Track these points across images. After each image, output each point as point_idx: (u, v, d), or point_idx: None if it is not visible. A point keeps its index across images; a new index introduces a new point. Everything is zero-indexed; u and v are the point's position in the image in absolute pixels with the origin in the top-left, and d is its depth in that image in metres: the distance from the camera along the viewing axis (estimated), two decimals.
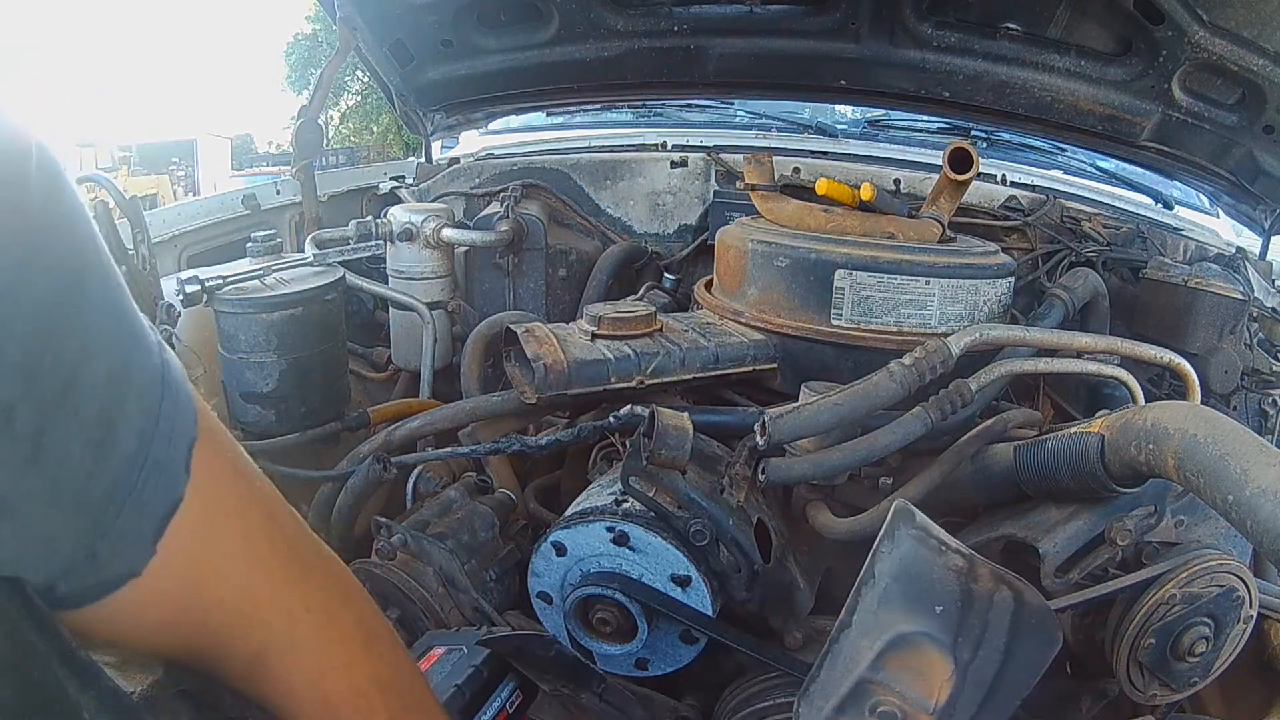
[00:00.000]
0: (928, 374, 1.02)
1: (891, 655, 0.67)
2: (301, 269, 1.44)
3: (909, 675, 0.67)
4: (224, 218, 1.80)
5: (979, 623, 0.68)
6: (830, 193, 1.41)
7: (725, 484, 0.96)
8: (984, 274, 1.25)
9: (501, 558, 1.13)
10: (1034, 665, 0.68)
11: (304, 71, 15.17)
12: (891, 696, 0.67)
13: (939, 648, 0.67)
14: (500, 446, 1.16)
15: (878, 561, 0.69)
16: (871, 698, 0.67)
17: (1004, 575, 0.69)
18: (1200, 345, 1.45)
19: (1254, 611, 0.84)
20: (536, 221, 1.83)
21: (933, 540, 0.69)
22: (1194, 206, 2.18)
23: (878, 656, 0.67)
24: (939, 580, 0.69)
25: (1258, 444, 0.68)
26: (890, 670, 0.67)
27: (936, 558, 0.69)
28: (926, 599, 0.68)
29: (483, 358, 1.51)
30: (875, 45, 1.82)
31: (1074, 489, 0.89)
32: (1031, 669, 0.68)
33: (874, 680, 0.67)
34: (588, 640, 0.97)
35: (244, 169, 13.78)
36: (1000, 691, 0.67)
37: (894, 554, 0.69)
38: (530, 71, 1.99)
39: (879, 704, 0.67)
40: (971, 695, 0.66)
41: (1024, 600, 0.68)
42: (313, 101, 1.89)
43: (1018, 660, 0.67)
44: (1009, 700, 0.67)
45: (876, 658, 0.67)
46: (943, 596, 0.68)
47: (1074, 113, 1.80)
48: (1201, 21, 1.49)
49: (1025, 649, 0.67)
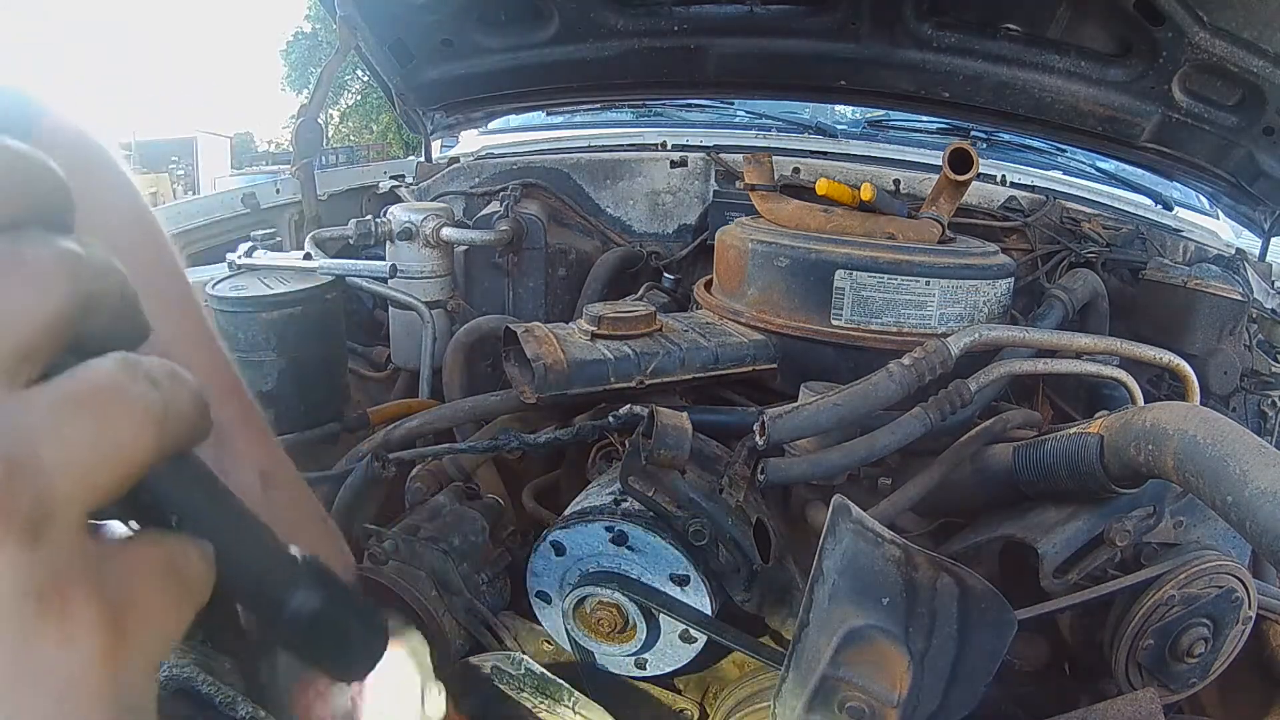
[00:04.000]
0: (927, 374, 1.02)
1: (848, 650, 0.68)
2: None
3: (868, 669, 0.67)
4: (223, 216, 1.80)
5: (926, 611, 0.68)
6: (830, 193, 1.41)
7: (724, 484, 0.96)
8: (984, 274, 1.25)
9: (493, 561, 1.13)
10: (992, 650, 0.68)
11: (304, 70, 15.18)
12: (856, 691, 0.67)
13: (891, 639, 0.67)
14: (499, 444, 1.16)
15: (824, 558, 0.70)
16: (838, 694, 0.68)
17: (943, 562, 0.70)
18: (1199, 346, 1.45)
19: (1253, 612, 0.84)
20: (536, 221, 1.83)
21: (869, 533, 0.70)
22: (1193, 208, 2.19)
23: (835, 652, 0.68)
24: (880, 572, 0.69)
25: (1257, 445, 0.68)
26: (850, 665, 0.68)
27: (875, 549, 0.70)
28: (872, 592, 0.68)
29: (465, 364, 1.51)
30: (875, 45, 1.82)
31: (1073, 490, 0.89)
32: (990, 653, 0.68)
33: (836, 676, 0.68)
34: (587, 640, 0.97)
35: (243, 168, 13.79)
36: (962, 679, 0.67)
37: (837, 549, 0.70)
38: (530, 71, 1.99)
39: (846, 699, 0.67)
40: (933, 684, 0.67)
41: (967, 586, 0.69)
42: (313, 100, 1.89)
43: (974, 646, 0.68)
44: (974, 686, 0.68)
45: (834, 654, 0.68)
46: (886, 588, 0.68)
47: (1074, 113, 1.80)
48: (1202, 23, 1.49)
49: (979, 635, 0.68)
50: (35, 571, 0.20)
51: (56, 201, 0.24)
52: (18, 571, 0.20)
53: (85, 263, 0.23)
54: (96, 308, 0.24)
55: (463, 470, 1.26)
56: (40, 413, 0.21)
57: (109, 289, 0.24)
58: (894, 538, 0.70)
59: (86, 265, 0.23)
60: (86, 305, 0.23)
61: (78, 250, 0.23)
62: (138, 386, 0.23)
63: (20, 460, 0.20)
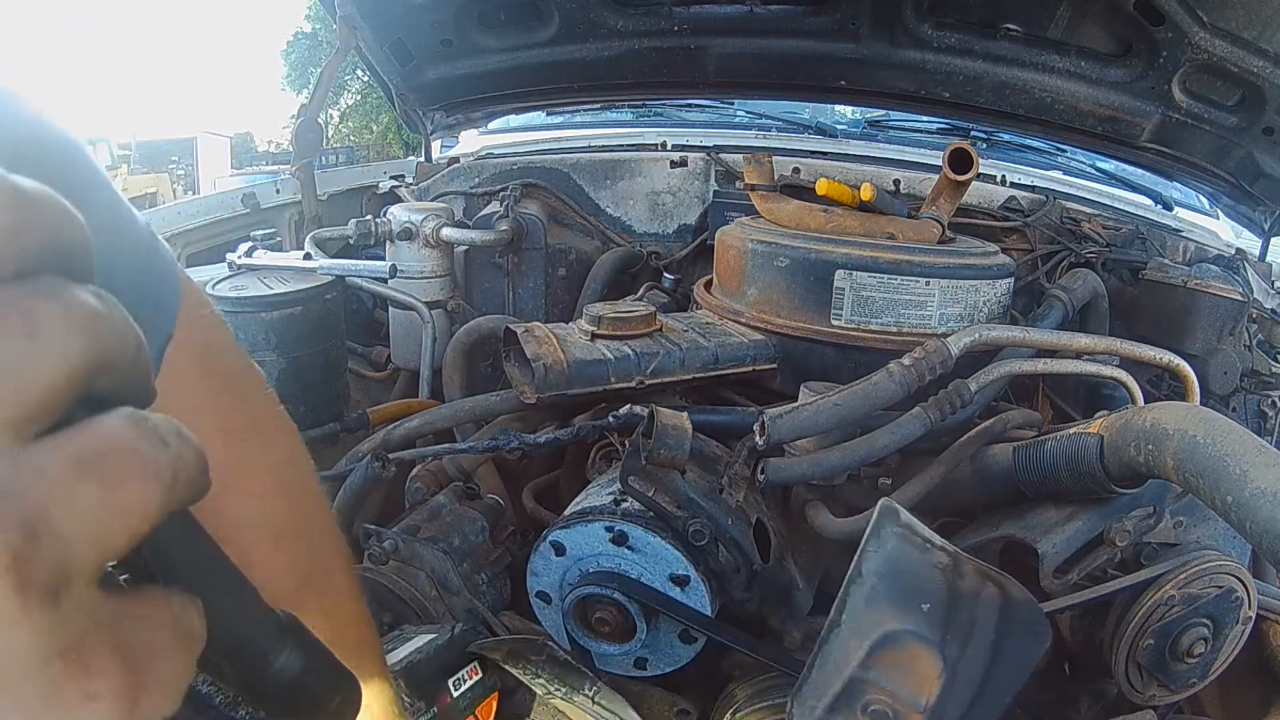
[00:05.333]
0: (927, 374, 1.02)
1: (881, 654, 0.67)
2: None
3: (899, 674, 0.67)
4: (223, 216, 1.80)
5: (966, 620, 0.68)
6: (830, 193, 1.41)
7: (724, 484, 0.96)
8: (983, 274, 1.25)
9: (493, 561, 1.13)
10: (1023, 663, 0.68)
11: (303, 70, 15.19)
12: (883, 695, 0.67)
13: (927, 646, 0.67)
14: (499, 444, 1.16)
15: (865, 560, 0.70)
16: (863, 696, 0.68)
17: (989, 572, 0.69)
18: (1199, 346, 1.45)
19: (1253, 612, 0.84)
20: (536, 221, 1.83)
21: (917, 538, 0.70)
22: (1193, 208, 2.19)
23: (867, 655, 0.67)
24: (925, 578, 0.69)
25: (1257, 445, 0.68)
26: (880, 669, 0.67)
27: (921, 555, 0.69)
28: (913, 597, 0.68)
29: (465, 365, 1.51)
30: (875, 45, 1.82)
31: (1073, 490, 0.89)
32: (1021, 667, 0.68)
33: (865, 679, 0.67)
34: (586, 640, 0.97)
35: (243, 168, 13.79)
36: (991, 689, 0.67)
37: (880, 552, 0.69)
38: (530, 71, 1.99)
39: (871, 703, 0.67)
40: (962, 693, 0.67)
41: (1010, 597, 0.69)
42: (313, 100, 1.89)
43: (1007, 658, 0.67)
44: (1000, 698, 0.67)
45: (866, 656, 0.67)
46: (929, 594, 0.68)
47: (1074, 114, 1.80)
48: (1202, 23, 1.49)
49: (1014, 647, 0.68)
50: (57, 634, 0.21)
51: (76, 247, 0.23)
52: (40, 635, 0.20)
53: (103, 320, 0.23)
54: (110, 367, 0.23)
55: (463, 470, 1.26)
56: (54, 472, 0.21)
57: (125, 349, 0.24)
58: (944, 544, 0.69)
59: (104, 322, 0.23)
60: (101, 365, 0.23)
61: (97, 306, 0.23)
62: (148, 446, 0.23)
63: (37, 524, 0.20)
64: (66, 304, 0.22)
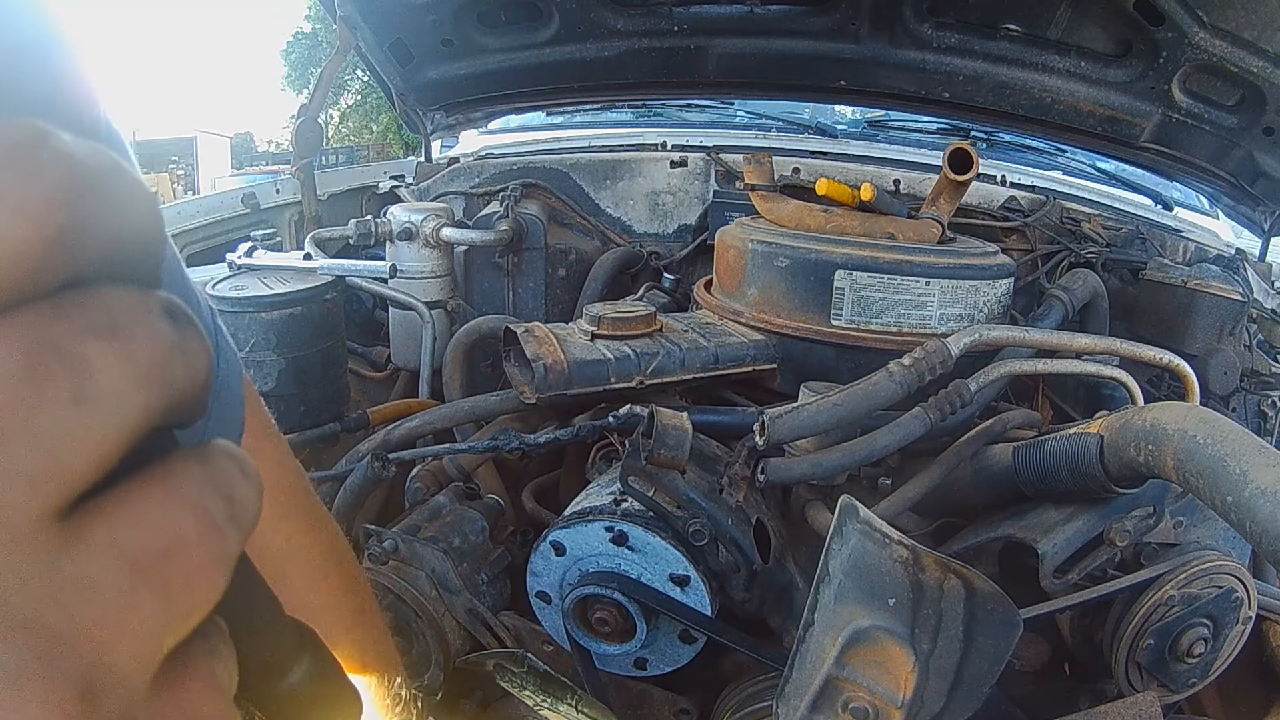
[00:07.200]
0: (927, 374, 1.02)
1: (853, 651, 0.68)
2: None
3: (873, 669, 0.68)
4: (223, 216, 1.80)
5: (933, 612, 0.68)
6: (830, 193, 1.41)
7: (724, 484, 0.96)
8: (983, 275, 1.25)
9: (493, 561, 1.13)
10: (997, 652, 0.68)
11: (303, 70, 15.19)
12: (860, 692, 0.67)
13: (897, 640, 0.67)
14: (499, 444, 1.16)
15: (830, 559, 0.70)
16: (842, 694, 0.68)
17: (950, 564, 0.70)
18: (1199, 346, 1.45)
19: (1253, 613, 0.84)
20: (536, 221, 1.83)
21: (877, 534, 0.70)
22: (1193, 208, 2.19)
23: (840, 653, 0.68)
24: (888, 573, 0.69)
25: (1257, 445, 0.68)
26: (855, 666, 0.68)
27: (881, 550, 0.70)
28: (879, 592, 0.69)
29: (465, 365, 1.51)
30: (875, 45, 1.82)
31: (1073, 490, 0.89)
32: (995, 656, 0.68)
33: (841, 677, 0.68)
34: (586, 640, 0.97)
35: (243, 168, 13.80)
36: (967, 680, 0.67)
37: (844, 550, 0.70)
38: (530, 71, 1.99)
39: (849, 700, 0.67)
40: (937, 685, 0.67)
41: (974, 587, 0.69)
42: (313, 100, 1.89)
43: (979, 648, 0.68)
44: (977, 688, 0.67)
45: (840, 654, 0.68)
46: (893, 589, 0.69)
47: (1074, 114, 1.80)
48: (1202, 23, 1.49)
49: (985, 637, 0.68)
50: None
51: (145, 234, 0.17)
52: None
53: (175, 357, 0.17)
54: (176, 409, 0.17)
55: (463, 470, 1.26)
56: (108, 588, 0.16)
57: (194, 383, 0.18)
58: (901, 538, 0.70)
59: (176, 360, 0.17)
60: (165, 413, 0.17)
61: (169, 338, 0.17)
62: (218, 539, 0.18)
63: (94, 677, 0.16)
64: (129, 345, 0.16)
